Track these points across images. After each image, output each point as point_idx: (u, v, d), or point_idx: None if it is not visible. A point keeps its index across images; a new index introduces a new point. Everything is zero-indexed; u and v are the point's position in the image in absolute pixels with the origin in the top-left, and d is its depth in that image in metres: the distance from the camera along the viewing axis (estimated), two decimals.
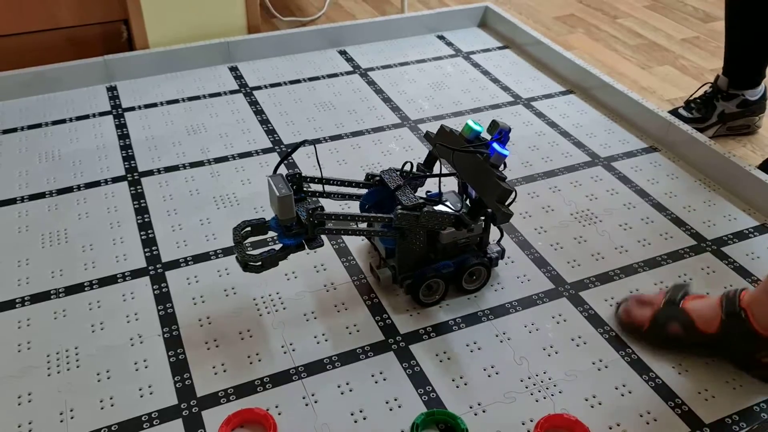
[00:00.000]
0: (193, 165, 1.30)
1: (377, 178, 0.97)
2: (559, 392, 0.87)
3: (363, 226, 0.95)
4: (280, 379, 0.89)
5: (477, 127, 0.92)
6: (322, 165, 0.99)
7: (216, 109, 1.49)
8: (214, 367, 0.90)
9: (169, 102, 1.51)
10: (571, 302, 1.00)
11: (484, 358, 0.92)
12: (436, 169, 1.00)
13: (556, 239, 1.12)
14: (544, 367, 0.90)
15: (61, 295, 1.01)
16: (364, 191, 0.99)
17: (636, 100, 1.43)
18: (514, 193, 0.89)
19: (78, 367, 0.90)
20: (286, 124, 1.44)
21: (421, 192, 0.99)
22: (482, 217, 0.97)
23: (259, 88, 1.57)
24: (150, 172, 1.28)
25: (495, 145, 0.88)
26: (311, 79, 1.62)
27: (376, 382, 0.88)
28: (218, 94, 1.55)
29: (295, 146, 0.95)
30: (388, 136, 1.40)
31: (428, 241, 0.95)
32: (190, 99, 1.52)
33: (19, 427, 0.83)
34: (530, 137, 1.40)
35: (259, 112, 1.48)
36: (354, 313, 0.98)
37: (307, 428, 0.83)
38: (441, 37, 1.83)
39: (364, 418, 0.84)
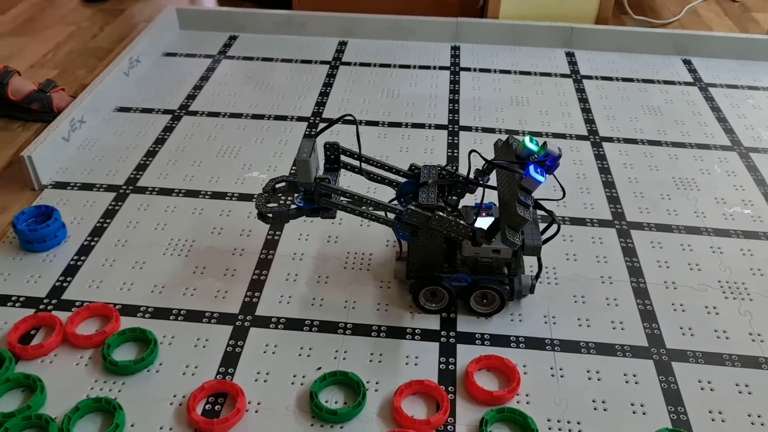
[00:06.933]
0: (509, 131, 1.38)
1: (417, 170, 0.96)
2: None
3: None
4: (534, 343, 0.92)
5: (531, 146, 0.84)
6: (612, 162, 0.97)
7: (543, 88, 1.54)
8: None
9: (501, 71, 1.60)
10: None
11: (752, 404, 0.85)
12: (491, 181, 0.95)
13: None
14: None
15: None
16: (402, 180, 0.97)
17: None
18: (557, 227, 0.86)
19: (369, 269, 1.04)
20: (606, 118, 1.43)
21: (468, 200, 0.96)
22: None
23: (589, 77, 1.58)
24: (468, 128, 1.39)
25: (530, 168, 0.81)
26: (645, 80, 1.58)
27: (627, 382, 0.87)
28: (548, 74, 1.59)
29: (339, 118, 0.95)
30: (712, 156, 1.32)
31: (450, 249, 0.94)
32: (522, 73, 1.59)
33: (346, 302, 0.98)
34: None
35: (583, 100, 1.49)
36: (624, 310, 0.97)
37: (547, 395, 0.85)
38: None
39: (605, 410, 0.84)
